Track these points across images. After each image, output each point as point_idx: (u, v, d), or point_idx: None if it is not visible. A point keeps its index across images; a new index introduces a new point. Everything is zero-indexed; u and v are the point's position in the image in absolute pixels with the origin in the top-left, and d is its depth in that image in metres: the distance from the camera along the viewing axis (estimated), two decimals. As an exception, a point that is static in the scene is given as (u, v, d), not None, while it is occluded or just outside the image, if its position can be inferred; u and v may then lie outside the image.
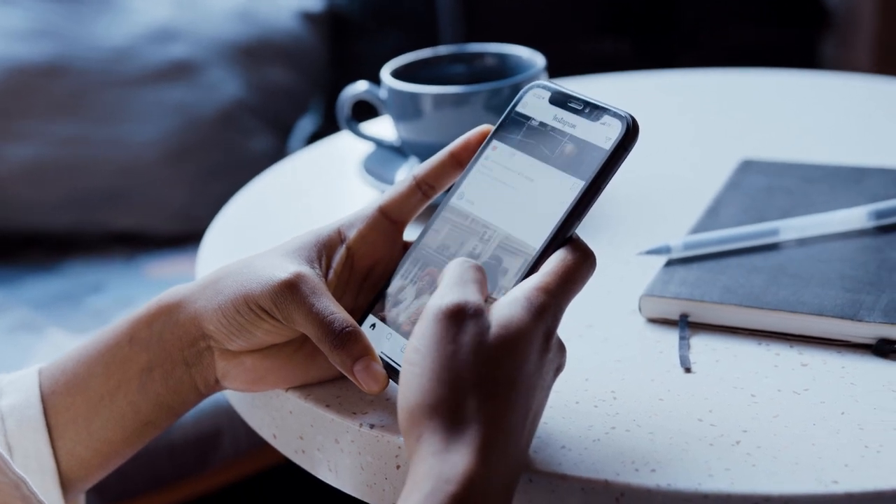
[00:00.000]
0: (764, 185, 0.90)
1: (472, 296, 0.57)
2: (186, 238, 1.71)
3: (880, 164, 0.94)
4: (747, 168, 0.94)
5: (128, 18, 1.74)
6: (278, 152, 1.83)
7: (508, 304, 0.57)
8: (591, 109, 0.62)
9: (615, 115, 0.61)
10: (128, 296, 1.55)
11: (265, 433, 0.73)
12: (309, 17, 1.87)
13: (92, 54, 1.70)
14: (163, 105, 1.71)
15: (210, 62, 1.75)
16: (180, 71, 1.73)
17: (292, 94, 1.85)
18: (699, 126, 1.12)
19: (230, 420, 1.37)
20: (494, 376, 0.55)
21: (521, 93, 0.66)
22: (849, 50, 2.18)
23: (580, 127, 0.62)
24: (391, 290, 0.66)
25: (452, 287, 0.58)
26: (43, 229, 1.70)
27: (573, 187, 0.61)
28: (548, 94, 0.65)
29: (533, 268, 0.60)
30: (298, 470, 0.73)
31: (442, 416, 0.54)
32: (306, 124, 2.04)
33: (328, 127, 2.02)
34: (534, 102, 0.65)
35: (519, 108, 0.65)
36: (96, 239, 1.72)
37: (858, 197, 0.86)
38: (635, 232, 0.87)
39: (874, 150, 1.01)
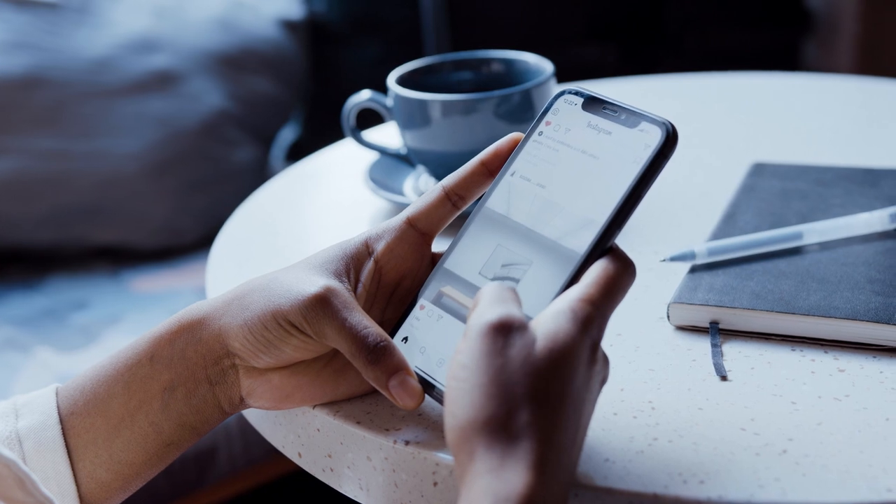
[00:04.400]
0: (778, 188, 0.89)
1: (514, 311, 0.56)
2: (170, 251, 1.68)
3: (884, 165, 0.94)
4: (760, 171, 0.93)
5: (107, 29, 1.70)
6: (261, 163, 1.80)
7: (553, 317, 0.56)
8: (628, 115, 0.61)
9: (653, 121, 0.60)
10: (114, 311, 1.52)
11: (289, 452, 0.71)
12: (289, 26, 1.85)
13: (71, 65, 1.66)
14: (144, 116, 1.68)
15: (191, 72, 1.72)
16: (161, 81, 1.69)
17: (274, 103, 1.83)
18: (698, 130, 1.11)
19: (227, 437, 1.35)
20: (545, 390, 0.53)
21: (551, 100, 0.64)
22: (830, 52, 2.19)
23: (616, 134, 0.61)
24: (422, 301, 0.64)
25: (493, 304, 0.56)
26: (24, 245, 1.66)
27: (612, 196, 0.59)
28: (580, 101, 0.63)
29: (574, 278, 0.59)
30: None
31: (494, 431, 0.52)
32: (287, 134, 2.02)
33: (308, 137, 2.00)
34: (565, 109, 0.64)
35: (550, 116, 0.64)
36: (79, 254, 1.68)
37: (875, 200, 0.85)
38: (653, 239, 0.86)
39: (878, 150, 1.01)
